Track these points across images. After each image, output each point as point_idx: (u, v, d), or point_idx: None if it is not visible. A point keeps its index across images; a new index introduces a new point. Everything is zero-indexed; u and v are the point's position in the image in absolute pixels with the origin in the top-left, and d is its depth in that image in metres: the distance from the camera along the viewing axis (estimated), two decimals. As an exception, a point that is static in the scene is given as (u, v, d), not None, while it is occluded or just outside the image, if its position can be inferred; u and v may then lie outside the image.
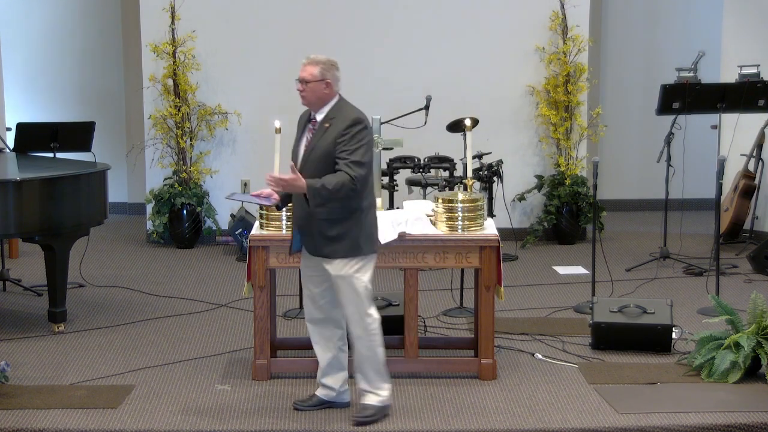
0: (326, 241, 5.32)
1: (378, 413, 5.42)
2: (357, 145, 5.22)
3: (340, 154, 5.22)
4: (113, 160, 9.14)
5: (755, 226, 9.31)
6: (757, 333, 5.94)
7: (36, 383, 5.96)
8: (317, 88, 5.32)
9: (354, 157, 5.19)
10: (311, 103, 5.37)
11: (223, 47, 9.45)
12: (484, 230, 6.00)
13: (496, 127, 9.32)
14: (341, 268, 5.34)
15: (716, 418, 5.42)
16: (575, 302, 7.50)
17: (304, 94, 5.34)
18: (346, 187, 5.16)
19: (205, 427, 5.37)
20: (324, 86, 5.34)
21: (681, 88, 8.60)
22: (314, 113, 5.40)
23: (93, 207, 7.00)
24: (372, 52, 9.48)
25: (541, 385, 5.92)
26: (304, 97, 5.36)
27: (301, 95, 5.37)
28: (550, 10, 9.39)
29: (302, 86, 5.35)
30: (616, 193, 10.81)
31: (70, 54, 10.72)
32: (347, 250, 5.32)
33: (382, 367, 5.45)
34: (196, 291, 7.95)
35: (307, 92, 5.33)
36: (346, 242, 5.30)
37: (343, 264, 5.33)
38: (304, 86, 5.35)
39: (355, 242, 5.31)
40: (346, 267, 5.33)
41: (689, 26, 10.77)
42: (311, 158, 5.31)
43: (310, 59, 5.42)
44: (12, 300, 7.74)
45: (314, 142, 5.33)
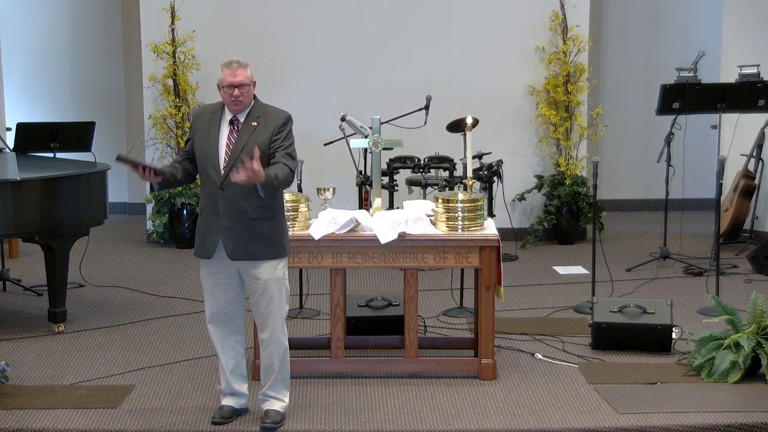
0: (256, 241, 5.19)
1: (282, 420, 5.37)
2: (290, 140, 5.26)
3: (278, 149, 5.19)
4: (113, 160, 9.11)
5: (755, 226, 9.32)
6: (757, 333, 5.94)
7: (36, 383, 5.96)
8: (251, 90, 5.26)
9: (290, 151, 5.23)
10: (244, 106, 5.24)
11: (223, 47, 9.43)
12: (484, 230, 6.00)
13: (496, 127, 9.33)
14: (273, 271, 5.24)
15: (716, 418, 5.42)
16: (575, 302, 7.50)
17: (241, 99, 5.19)
18: (289, 179, 5.19)
19: (205, 427, 5.37)
20: (253, 88, 5.29)
21: (681, 88, 8.60)
22: (236, 115, 5.25)
23: (93, 207, 7.00)
24: (372, 53, 9.48)
25: (541, 385, 5.92)
26: (240, 102, 5.20)
27: (236, 101, 5.19)
28: (550, 10, 9.40)
29: (240, 91, 5.19)
30: (616, 193, 10.81)
31: (70, 54, 10.73)
32: (276, 250, 5.25)
33: (288, 373, 5.41)
34: (196, 291, 7.94)
35: (243, 96, 5.20)
36: (275, 242, 5.24)
37: (273, 266, 5.24)
38: (242, 91, 5.20)
39: (281, 242, 5.28)
40: (277, 269, 5.26)
41: (689, 26, 10.78)
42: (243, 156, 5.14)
43: (239, 62, 5.28)
44: (12, 300, 7.74)
45: (244, 141, 5.19)
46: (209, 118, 5.30)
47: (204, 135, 5.28)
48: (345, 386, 5.88)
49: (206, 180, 5.26)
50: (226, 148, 5.23)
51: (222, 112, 5.29)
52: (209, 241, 5.25)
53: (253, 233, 5.20)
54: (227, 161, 5.20)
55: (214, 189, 5.21)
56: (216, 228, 5.22)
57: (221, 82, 5.24)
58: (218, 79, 5.27)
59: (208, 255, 5.27)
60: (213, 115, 5.30)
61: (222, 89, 5.24)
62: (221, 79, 5.24)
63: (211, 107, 5.40)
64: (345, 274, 6.06)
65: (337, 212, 5.93)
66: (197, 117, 5.38)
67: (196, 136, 5.31)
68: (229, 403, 5.47)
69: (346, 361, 6.07)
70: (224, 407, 5.46)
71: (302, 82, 9.41)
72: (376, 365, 6.07)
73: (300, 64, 9.42)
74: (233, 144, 5.22)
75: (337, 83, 9.44)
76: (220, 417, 5.40)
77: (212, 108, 5.37)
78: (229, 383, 5.46)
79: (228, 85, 5.21)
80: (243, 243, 5.20)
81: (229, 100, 5.22)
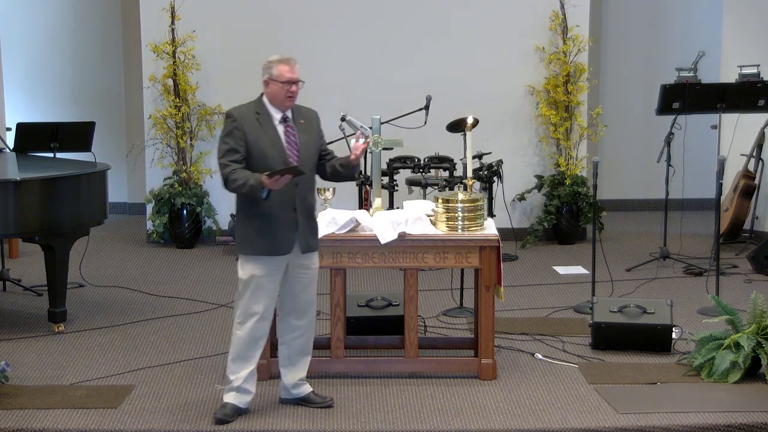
0: (314, 234, 5.47)
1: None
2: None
3: (326, 146, 5.57)
4: (113, 160, 9.13)
5: (755, 226, 9.32)
6: (757, 333, 5.94)
7: (36, 383, 5.96)
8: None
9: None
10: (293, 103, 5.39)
11: (223, 47, 9.45)
12: (484, 230, 6.00)
13: (496, 127, 9.32)
14: (318, 261, 5.57)
15: (716, 418, 5.42)
16: (575, 302, 7.50)
17: (296, 95, 5.34)
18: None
19: (205, 427, 5.37)
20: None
21: (681, 88, 8.61)
22: (285, 112, 5.37)
23: (93, 207, 7.00)
24: (372, 53, 9.48)
25: (541, 385, 5.92)
26: (294, 98, 5.35)
27: (293, 96, 5.33)
28: (550, 10, 9.40)
29: (297, 87, 5.34)
30: (616, 193, 10.81)
31: (70, 54, 10.72)
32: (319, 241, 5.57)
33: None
34: (196, 291, 7.95)
35: (297, 93, 5.34)
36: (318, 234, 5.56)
37: (318, 256, 5.57)
38: (298, 87, 5.35)
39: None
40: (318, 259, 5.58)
41: (689, 26, 10.78)
42: (308, 154, 5.38)
43: (293, 59, 5.39)
44: (12, 300, 7.74)
45: (304, 138, 5.38)
46: (256, 118, 5.32)
47: (261, 135, 5.30)
48: (345, 386, 5.88)
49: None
50: (289, 145, 5.33)
51: (266, 111, 5.34)
52: (285, 238, 5.33)
53: (312, 227, 5.45)
54: (297, 159, 5.31)
55: (287, 187, 5.26)
56: (293, 224, 5.33)
57: (278, 77, 5.30)
58: (269, 75, 5.33)
59: (286, 251, 5.36)
60: (259, 115, 5.33)
61: (278, 84, 5.30)
62: (278, 74, 5.30)
63: (250, 107, 5.38)
64: (345, 274, 6.06)
65: (337, 212, 5.93)
66: (241, 119, 5.32)
67: (250, 136, 5.29)
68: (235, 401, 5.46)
69: (346, 361, 6.07)
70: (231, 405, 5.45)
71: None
72: (376, 365, 6.07)
73: (300, 64, 9.39)
74: (298, 142, 5.35)
75: (337, 83, 9.43)
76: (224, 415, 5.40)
77: (252, 108, 5.37)
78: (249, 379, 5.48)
79: (287, 81, 5.30)
80: (308, 236, 5.41)
81: (285, 95, 5.31)
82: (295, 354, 5.58)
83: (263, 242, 5.31)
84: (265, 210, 5.27)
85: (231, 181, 5.22)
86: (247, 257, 5.37)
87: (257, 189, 5.17)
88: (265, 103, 5.37)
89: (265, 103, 5.36)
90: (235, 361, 5.43)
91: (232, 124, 5.31)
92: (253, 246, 5.33)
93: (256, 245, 5.32)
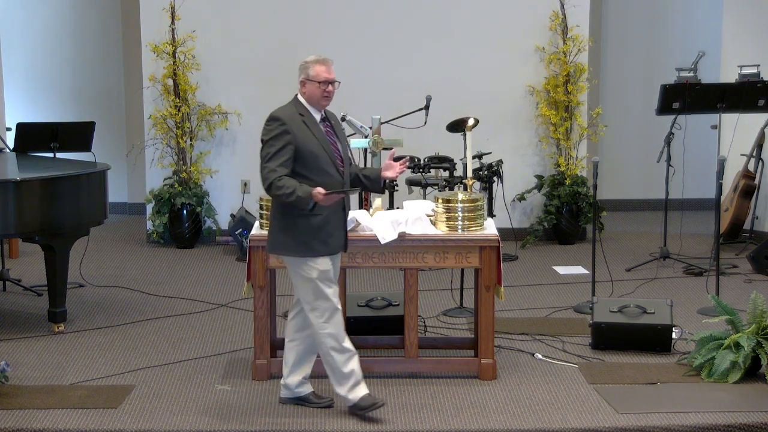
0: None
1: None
2: None
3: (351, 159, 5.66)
4: (113, 160, 9.14)
5: (755, 226, 9.32)
6: (757, 333, 5.94)
7: (36, 383, 5.96)
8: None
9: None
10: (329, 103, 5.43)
11: (223, 47, 9.45)
12: (484, 230, 6.00)
13: (496, 127, 9.32)
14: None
15: (716, 418, 5.42)
16: (575, 302, 7.50)
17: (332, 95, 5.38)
18: None
19: (205, 427, 5.37)
20: None
21: (681, 88, 8.60)
22: (322, 113, 5.42)
23: (93, 207, 7.00)
24: (372, 53, 9.48)
25: (541, 385, 5.92)
26: (331, 98, 5.38)
27: (330, 96, 5.36)
28: (550, 10, 9.39)
29: (333, 87, 5.38)
30: (616, 193, 10.81)
31: (70, 54, 10.72)
32: None
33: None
34: (196, 291, 7.95)
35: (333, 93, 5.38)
36: None
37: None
38: (334, 87, 5.39)
39: None
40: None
41: (689, 26, 10.78)
42: (345, 153, 5.47)
43: (330, 59, 5.41)
44: (12, 300, 7.74)
45: (341, 139, 5.46)
46: (301, 120, 5.33)
47: (309, 136, 5.31)
48: (345, 386, 5.88)
49: (326, 178, 5.31)
50: (332, 145, 5.38)
51: (308, 112, 5.37)
52: (338, 236, 5.42)
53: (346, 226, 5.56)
54: (342, 158, 5.39)
55: (336, 186, 5.32)
56: (342, 223, 5.44)
57: (315, 77, 5.32)
58: (306, 75, 5.35)
59: (344, 247, 5.48)
60: (303, 117, 5.35)
61: (315, 84, 5.32)
62: (315, 74, 5.32)
63: (294, 109, 5.38)
64: (345, 274, 6.06)
65: None
66: (289, 121, 5.30)
67: (299, 138, 5.28)
68: (367, 390, 5.48)
69: (346, 361, 6.06)
70: (368, 395, 5.46)
71: (302, 82, 9.41)
72: (376, 365, 6.06)
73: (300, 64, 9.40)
74: (338, 141, 5.42)
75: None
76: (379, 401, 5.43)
77: (294, 109, 5.38)
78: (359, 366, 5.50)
79: (324, 81, 5.33)
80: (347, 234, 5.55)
81: (322, 95, 5.34)
82: (305, 351, 5.58)
83: (320, 243, 5.33)
84: (320, 211, 5.28)
85: (276, 188, 5.19)
86: (305, 259, 5.35)
87: (305, 201, 5.17)
88: (304, 104, 5.38)
89: (304, 104, 5.38)
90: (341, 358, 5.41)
91: (280, 128, 5.27)
92: (311, 248, 5.32)
93: (313, 247, 5.32)
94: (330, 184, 5.29)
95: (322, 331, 5.38)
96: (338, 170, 5.37)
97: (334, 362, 5.41)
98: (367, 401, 5.40)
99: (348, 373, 5.40)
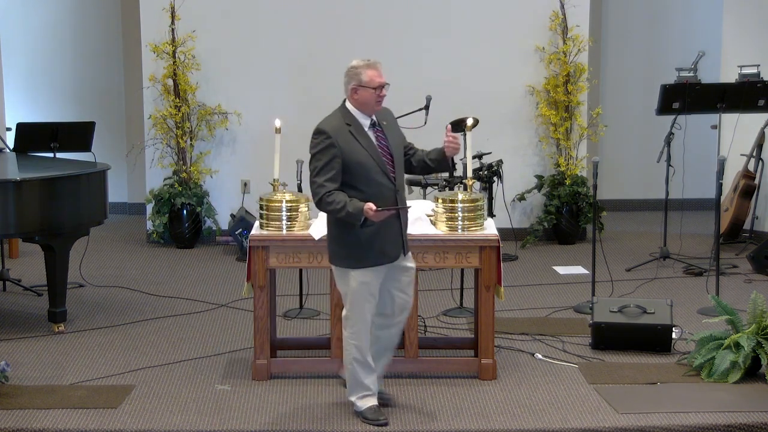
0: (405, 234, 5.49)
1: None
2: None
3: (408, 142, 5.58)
4: (113, 160, 9.13)
5: (755, 226, 9.31)
6: (757, 333, 5.94)
7: (36, 383, 5.96)
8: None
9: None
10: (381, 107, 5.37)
11: (223, 47, 9.45)
12: (484, 230, 6.00)
13: (496, 127, 9.32)
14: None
15: (716, 418, 5.42)
16: (575, 302, 7.50)
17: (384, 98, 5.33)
18: None
19: (205, 427, 5.37)
20: None
21: (681, 88, 8.60)
22: (372, 117, 5.35)
23: (93, 207, 7.00)
24: (372, 52, 9.39)
25: (541, 385, 5.92)
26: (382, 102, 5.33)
27: (381, 100, 5.31)
28: (550, 10, 9.39)
29: (385, 91, 5.33)
30: (616, 193, 10.81)
31: (70, 54, 10.72)
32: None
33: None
34: (196, 291, 7.95)
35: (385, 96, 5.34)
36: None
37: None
38: (386, 90, 5.34)
39: None
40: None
41: (689, 26, 10.77)
42: (398, 155, 5.39)
43: (378, 61, 5.38)
44: (12, 300, 7.74)
45: (393, 141, 5.38)
46: (348, 130, 5.27)
47: (357, 147, 5.25)
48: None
49: (378, 187, 5.25)
50: (382, 151, 5.31)
51: (356, 121, 5.30)
52: (394, 245, 5.34)
53: (406, 228, 5.45)
54: (393, 164, 5.31)
55: (389, 194, 5.27)
56: (398, 230, 5.34)
57: (369, 83, 5.25)
58: (358, 81, 5.27)
59: (395, 258, 5.37)
60: (350, 127, 5.28)
61: (369, 90, 5.26)
62: (368, 80, 5.26)
63: (339, 119, 5.32)
64: (345, 274, 6.05)
65: None
66: (335, 134, 5.24)
67: (345, 150, 5.22)
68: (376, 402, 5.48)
69: (346, 361, 6.06)
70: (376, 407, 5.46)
71: (302, 81, 9.40)
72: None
73: (300, 63, 9.42)
74: (389, 145, 5.33)
75: (337, 83, 9.39)
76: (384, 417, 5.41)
77: (341, 120, 5.31)
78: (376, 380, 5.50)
79: (378, 86, 5.27)
80: (407, 239, 5.44)
81: (375, 100, 5.28)
82: (383, 350, 5.57)
83: (372, 253, 5.28)
84: (371, 223, 5.22)
85: (326, 204, 5.18)
86: (347, 270, 5.32)
87: (356, 217, 5.14)
88: (352, 112, 5.31)
89: (352, 112, 5.31)
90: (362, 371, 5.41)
91: (326, 141, 5.22)
92: (361, 259, 5.28)
93: (364, 257, 5.28)
94: (381, 193, 5.24)
95: (350, 341, 5.39)
96: (389, 178, 5.29)
97: (355, 371, 5.42)
98: (372, 414, 5.41)
99: (364, 385, 5.43)
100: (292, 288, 7.60)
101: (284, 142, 6.12)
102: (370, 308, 5.36)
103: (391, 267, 5.39)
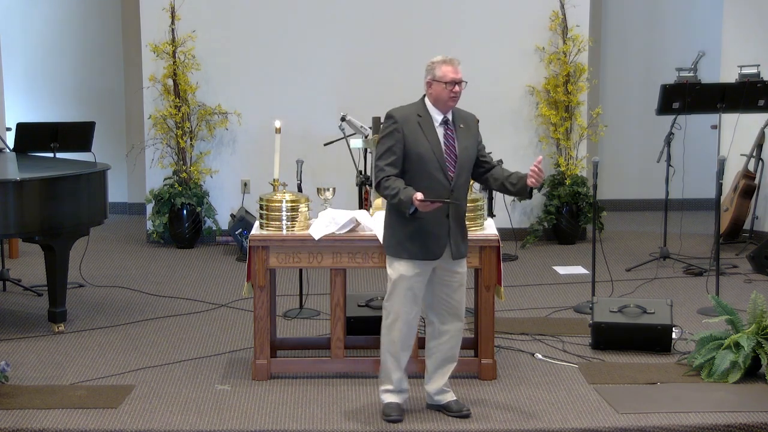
0: (464, 240, 5.43)
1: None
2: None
3: (485, 153, 5.55)
4: (113, 160, 9.14)
5: (755, 226, 9.31)
6: (757, 333, 5.94)
7: (36, 383, 5.96)
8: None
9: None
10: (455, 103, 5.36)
11: (223, 47, 9.45)
12: (484, 230, 6.00)
13: (496, 127, 9.32)
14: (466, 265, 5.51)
15: (716, 418, 5.42)
16: (575, 302, 7.50)
17: (459, 96, 5.32)
18: None
19: (205, 427, 5.37)
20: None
21: (681, 88, 8.60)
22: (446, 114, 5.35)
23: (93, 207, 7.00)
24: (372, 53, 9.48)
25: (541, 385, 5.92)
26: (457, 99, 5.32)
27: (456, 97, 5.31)
28: (550, 10, 9.39)
29: (460, 88, 5.33)
30: (616, 193, 10.81)
31: (70, 54, 10.73)
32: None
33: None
34: (196, 291, 7.95)
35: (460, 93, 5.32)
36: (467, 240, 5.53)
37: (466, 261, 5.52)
38: (461, 87, 5.34)
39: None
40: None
41: (689, 26, 10.78)
42: (465, 159, 5.35)
43: (456, 59, 5.39)
44: (12, 300, 7.74)
45: (463, 143, 5.35)
46: (417, 120, 5.29)
47: (420, 139, 5.26)
48: (345, 386, 5.88)
49: (430, 182, 5.25)
50: (448, 149, 5.29)
51: (427, 114, 5.31)
52: (437, 243, 5.30)
53: (463, 233, 5.42)
54: (455, 164, 5.29)
55: (442, 192, 5.26)
56: (445, 230, 5.30)
57: (442, 78, 5.29)
58: (432, 76, 5.32)
59: (437, 256, 5.33)
60: (421, 118, 5.30)
61: (441, 85, 5.28)
62: (441, 75, 5.29)
63: (412, 108, 5.35)
64: (345, 274, 6.06)
65: (337, 212, 5.93)
66: (402, 120, 5.29)
67: (409, 139, 5.25)
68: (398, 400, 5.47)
69: (346, 361, 6.07)
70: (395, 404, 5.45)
71: (302, 81, 9.41)
72: (376, 365, 6.04)
73: (300, 63, 9.42)
74: (456, 147, 5.31)
75: (337, 83, 9.43)
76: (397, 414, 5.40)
77: (414, 109, 5.34)
78: (403, 379, 5.49)
79: (451, 81, 5.29)
80: (459, 242, 5.37)
81: (449, 96, 5.29)
82: (441, 360, 5.54)
83: (415, 246, 5.29)
84: (421, 215, 5.22)
85: (383, 188, 5.21)
86: (393, 258, 5.36)
87: (406, 205, 5.14)
88: (427, 105, 5.35)
89: (427, 105, 5.35)
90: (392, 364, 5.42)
91: (392, 126, 5.27)
92: (405, 249, 5.30)
93: (407, 249, 5.29)
94: (435, 189, 5.23)
95: (385, 332, 5.42)
96: (447, 176, 5.27)
97: (385, 362, 5.46)
98: (386, 409, 5.43)
99: (390, 378, 5.45)
100: (292, 288, 7.60)
101: (284, 142, 6.14)
102: (407, 303, 5.35)
103: (439, 268, 5.38)
